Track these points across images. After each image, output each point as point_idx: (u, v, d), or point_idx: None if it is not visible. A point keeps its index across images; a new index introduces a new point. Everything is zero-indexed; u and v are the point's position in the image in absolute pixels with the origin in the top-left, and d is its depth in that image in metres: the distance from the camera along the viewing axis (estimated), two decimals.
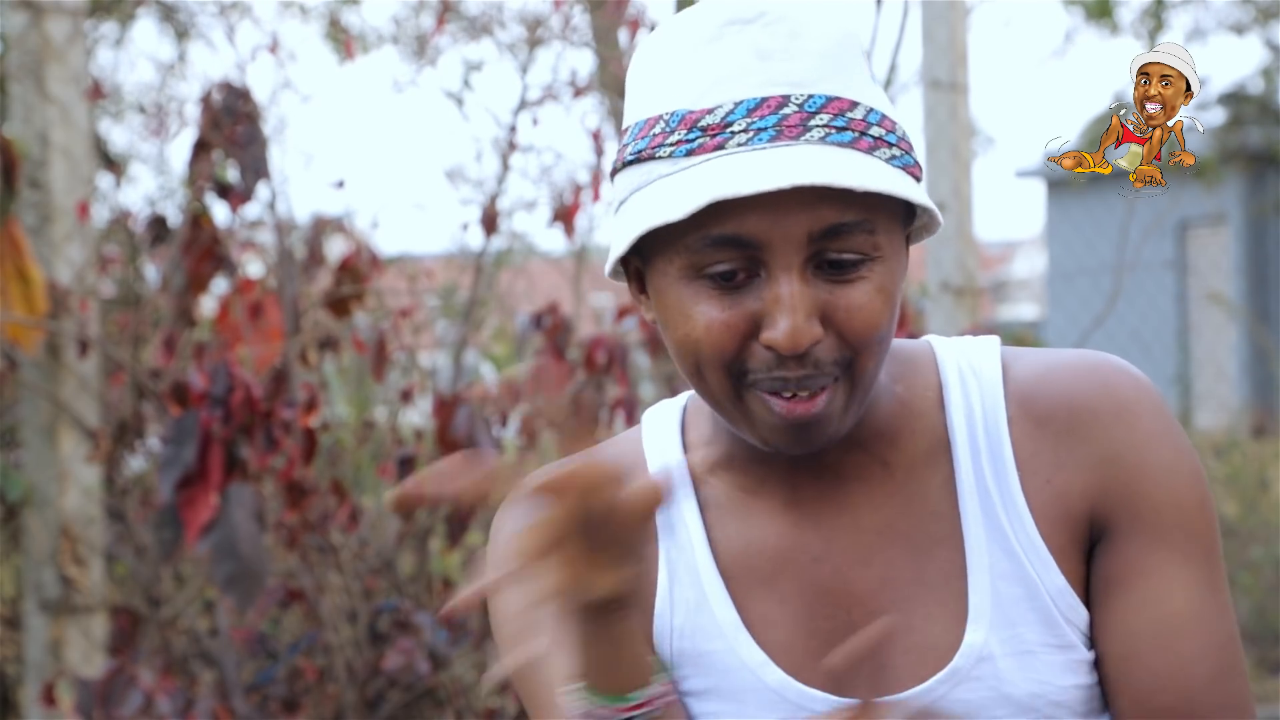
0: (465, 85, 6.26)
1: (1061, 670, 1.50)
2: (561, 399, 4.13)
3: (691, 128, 1.43)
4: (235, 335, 4.13)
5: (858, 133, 1.42)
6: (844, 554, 1.52)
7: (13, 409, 4.36)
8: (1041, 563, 1.49)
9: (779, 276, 1.41)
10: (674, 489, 1.49)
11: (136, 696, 3.61)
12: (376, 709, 4.10)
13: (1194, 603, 1.49)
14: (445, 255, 6.85)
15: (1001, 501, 1.50)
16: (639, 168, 1.46)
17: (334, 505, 4.11)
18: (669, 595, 1.53)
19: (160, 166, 7.88)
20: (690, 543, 1.54)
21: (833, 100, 1.43)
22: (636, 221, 1.44)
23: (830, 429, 1.45)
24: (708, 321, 1.43)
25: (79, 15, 4.19)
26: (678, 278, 1.44)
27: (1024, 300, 21.16)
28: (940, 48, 4.49)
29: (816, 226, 1.41)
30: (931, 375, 1.55)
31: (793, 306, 1.41)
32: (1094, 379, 1.52)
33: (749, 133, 1.41)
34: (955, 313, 4.40)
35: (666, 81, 1.45)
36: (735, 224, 1.40)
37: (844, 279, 1.42)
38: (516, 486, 1.33)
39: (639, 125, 1.46)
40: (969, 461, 1.51)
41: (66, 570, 4.06)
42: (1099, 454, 1.50)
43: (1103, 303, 6.14)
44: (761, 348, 1.43)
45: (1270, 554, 7.24)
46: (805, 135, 1.41)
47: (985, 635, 1.49)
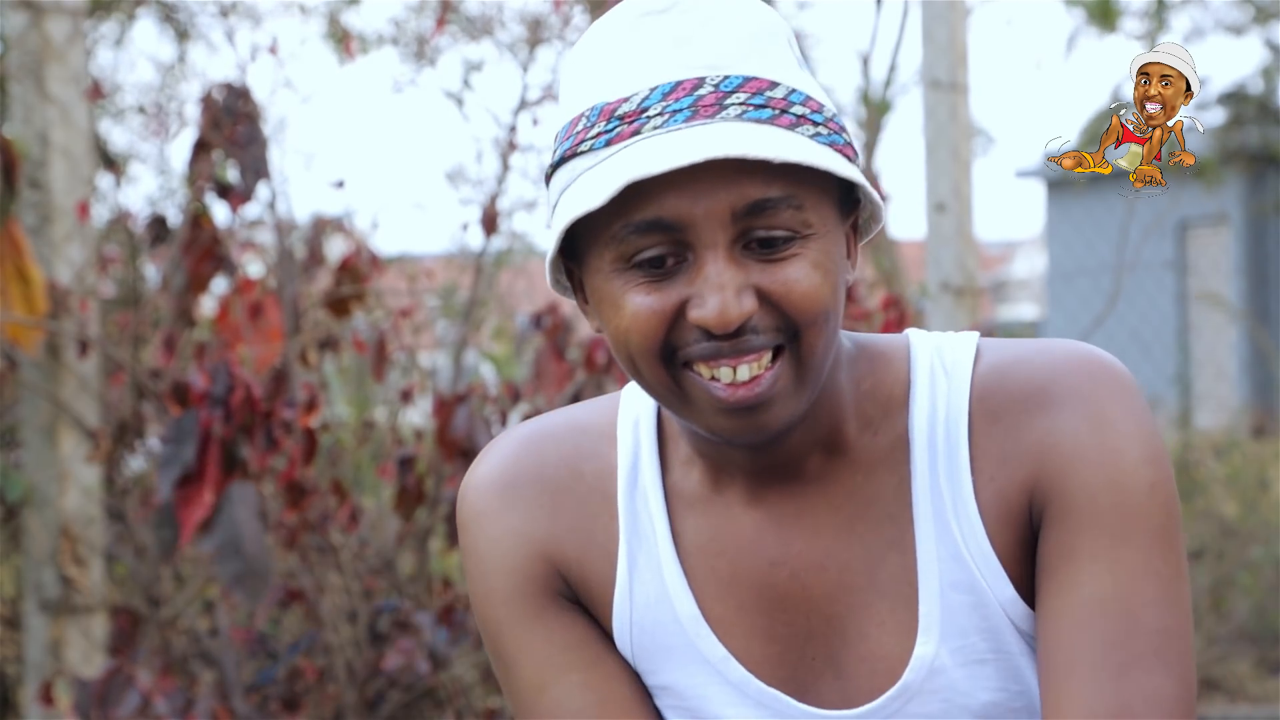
0: (465, 85, 6.27)
1: (1012, 676, 1.47)
2: (561, 399, 4.13)
3: (610, 118, 1.41)
4: (235, 335, 4.13)
5: (777, 110, 1.40)
6: (800, 557, 1.49)
7: (13, 409, 4.36)
8: (992, 573, 1.46)
9: (705, 256, 1.39)
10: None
11: (136, 697, 3.61)
12: (376, 709, 4.10)
13: (1126, 586, 1.43)
14: (445, 255, 6.85)
15: (954, 506, 1.47)
16: (565, 168, 1.44)
17: (334, 505, 4.11)
18: (628, 591, 1.51)
19: (160, 166, 7.87)
20: (654, 534, 1.51)
21: (750, 80, 1.41)
22: (562, 217, 1.42)
23: (780, 411, 1.42)
24: (635, 309, 1.41)
25: (79, 15, 4.19)
26: (609, 273, 1.42)
27: (1024, 300, 21.15)
28: (940, 48, 4.48)
29: (739, 203, 1.39)
30: (901, 372, 1.51)
31: (720, 284, 1.39)
32: (1050, 367, 1.48)
33: (664, 115, 1.40)
34: (955, 313, 4.39)
35: (588, 78, 1.44)
36: (655, 207, 1.39)
37: (775, 257, 1.40)
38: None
39: (564, 128, 1.45)
40: (925, 463, 1.48)
41: (66, 570, 4.06)
42: (1039, 441, 1.46)
43: (1103, 303, 6.13)
44: (691, 326, 1.40)
45: (1270, 554, 7.24)
46: (721, 114, 1.39)
47: (935, 647, 1.47)
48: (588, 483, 1.53)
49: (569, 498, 1.53)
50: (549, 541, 1.53)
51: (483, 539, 1.55)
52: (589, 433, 1.55)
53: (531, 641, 1.52)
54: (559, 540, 1.53)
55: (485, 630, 1.55)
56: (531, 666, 1.51)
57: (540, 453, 1.55)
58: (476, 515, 1.56)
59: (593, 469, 1.54)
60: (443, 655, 3.99)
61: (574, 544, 1.53)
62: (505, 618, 1.53)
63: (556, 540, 1.53)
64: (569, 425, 1.57)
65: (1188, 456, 8.36)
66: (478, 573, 1.55)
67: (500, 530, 1.54)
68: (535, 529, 1.53)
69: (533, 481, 1.54)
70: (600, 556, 1.52)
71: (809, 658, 1.50)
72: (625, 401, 1.57)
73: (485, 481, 1.56)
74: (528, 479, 1.54)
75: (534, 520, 1.53)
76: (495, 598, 1.54)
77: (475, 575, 1.55)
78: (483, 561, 1.55)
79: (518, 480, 1.54)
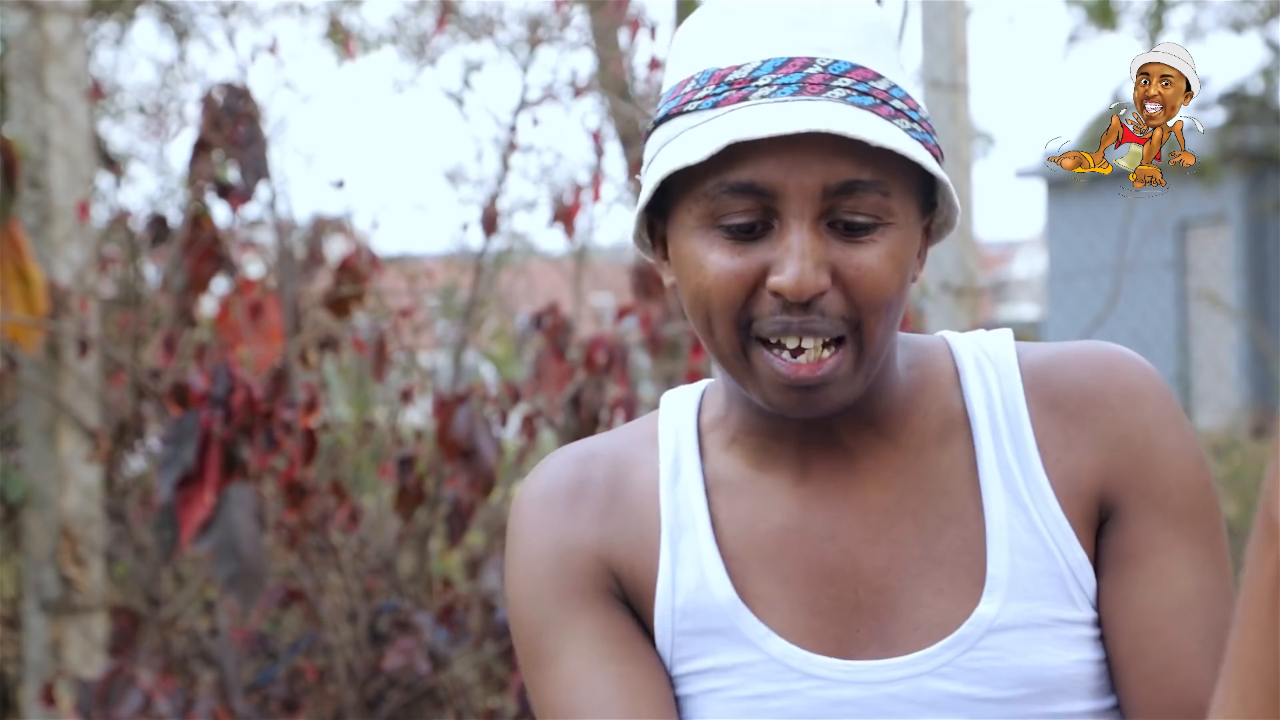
0: (465, 85, 6.26)
1: (1072, 644, 1.51)
2: (561, 399, 4.13)
3: (720, 82, 1.47)
4: (235, 335, 4.13)
5: (879, 99, 1.46)
6: (851, 532, 1.53)
7: (13, 409, 4.36)
8: (1064, 536, 1.51)
9: (791, 225, 1.44)
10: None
11: (136, 697, 3.61)
12: (376, 709, 4.10)
13: (1203, 582, 1.52)
14: (445, 255, 6.85)
15: (1024, 477, 1.52)
16: (667, 125, 1.50)
17: (334, 505, 4.11)
18: (670, 578, 1.55)
19: (160, 166, 7.87)
20: (694, 523, 1.55)
21: (858, 68, 1.47)
22: (659, 169, 1.47)
23: (835, 393, 1.48)
24: (718, 270, 1.46)
25: (79, 15, 4.19)
26: (694, 227, 1.47)
27: (1024, 300, 21.16)
28: (940, 48, 4.49)
29: (832, 180, 1.44)
30: (946, 361, 1.57)
31: (801, 253, 1.43)
32: (1101, 365, 1.55)
33: (773, 86, 1.45)
34: (955, 313, 4.40)
35: (703, 46, 1.50)
36: (751, 171, 1.44)
37: (856, 240, 1.45)
38: None
39: (671, 89, 1.51)
40: (990, 439, 1.53)
41: (66, 570, 4.06)
42: (1108, 435, 1.53)
43: (1103, 303, 6.13)
44: (769, 295, 1.45)
45: None
46: (826, 93, 1.45)
47: (999, 607, 1.50)
48: (635, 488, 1.58)
49: (619, 504, 1.58)
50: (602, 544, 1.57)
51: (537, 542, 1.58)
52: (634, 441, 1.60)
53: (576, 634, 1.54)
54: (611, 543, 1.57)
55: (527, 630, 1.57)
56: (573, 659, 1.54)
57: (590, 466, 1.60)
58: (532, 522, 1.59)
59: (639, 474, 1.59)
60: (443, 655, 3.99)
61: (624, 546, 1.57)
62: (553, 614, 1.56)
63: (609, 543, 1.57)
64: (614, 439, 1.62)
65: None
66: (527, 574, 1.58)
67: (556, 534, 1.57)
68: (590, 533, 1.57)
69: (586, 492, 1.58)
70: (646, 553, 1.56)
71: (854, 629, 1.53)
72: (665, 407, 1.62)
73: (539, 492, 1.60)
74: (582, 491, 1.59)
75: (589, 526, 1.57)
76: (546, 596, 1.56)
77: (524, 576, 1.58)
78: (534, 563, 1.57)
79: (573, 491, 1.59)
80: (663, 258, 1.55)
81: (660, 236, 1.54)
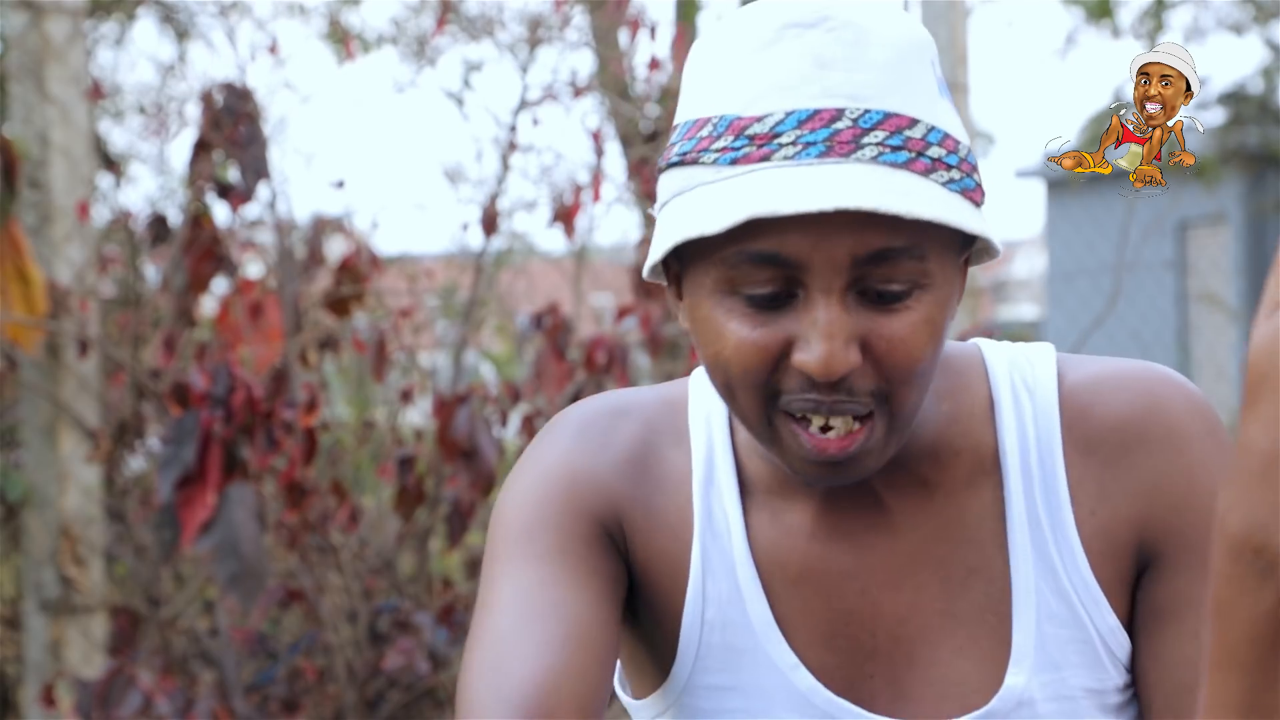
0: (465, 85, 6.26)
1: (1098, 714, 1.45)
2: (561, 399, 4.13)
3: (739, 135, 1.35)
4: (235, 335, 4.13)
5: (914, 153, 1.34)
6: (873, 574, 1.46)
7: (13, 409, 4.36)
8: (1094, 602, 1.44)
9: (818, 299, 1.33)
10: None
11: (136, 697, 3.61)
12: (376, 709, 4.10)
13: None
14: (445, 255, 6.85)
15: (1053, 535, 1.44)
16: (682, 170, 1.38)
17: (334, 505, 4.11)
18: (701, 587, 1.47)
19: (160, 166, 7.87)
20: (728, 532, 1.48)
21: (890, 117, 1.34)
22: (674, 230, 1.36)
23: (864, 466, 1.38)
24: (738, 341, 1.36)
25: (79, 15, 4.19)
26: (712, 290, 1.37)
27: (1024, 300, 21.17)
28: (940, 48, 4.49)
29: (861, 250, 1.32)
30: (981, 387, 1.48)
31: (829, 333, 1.33)
32: (1146, 398, 1.45)
33: (797, 145, 1.33)
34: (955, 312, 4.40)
35: (719, 83, 1.38)
36: (775, 242, 1.33)
37: (888, 309, 1.35)
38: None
39: (687, 125, 1.39)
40: (1020, 488, 1.45)
41: (66, 570, 4.06)
42: (1146, 482, 1.44)
43: (1103, 303, 6.13)
44: (795, 370, 1.35)
45: None
46: (857, 153, 1.33)
47: (1027, 679, 1.43)
48: (668, 470, 1.49)
49: (648, 477, 1.49)
50: (625, 500, 1.48)
51: (564, 461, 1.48)
52: (663, 417, 1.51)
53: (571, 550, 1.45)
54: (633, 505, 1.48)
55: (519, 523, 1.47)
56: (552, 567, 1.44)
57: (622, 423, 1.51)
58: (564, 443, 1.49)
59: (671, 459, 1.50)
60: (443, 655, 3.99)
61: (646, 523, 1.48)
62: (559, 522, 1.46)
63: (631, 503, 1.48)
64: (642, 401, 1.53)
65: None
66: (543, 481, 1.48)
67: (585, 463, 1.48)
68: (615, 481, 1.48)
69: (615, 442, 1.50)
70: (672, 542, 1.49)
71: (867, 674, 1.46)
72: (694, 393, 1.53)
73: (577, 420, 1.51)
74: (611, 438, 1.50)
75: (615, 474, 1.48)
76: (543, 507, 1.47)
77: (537, 481, 1.48)
78: (554, 479, 1.47)
79: (606, 433, 1.50)
80: (677, 297, 1.44)
81: (675, 275, 1.43)
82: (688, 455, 1.50)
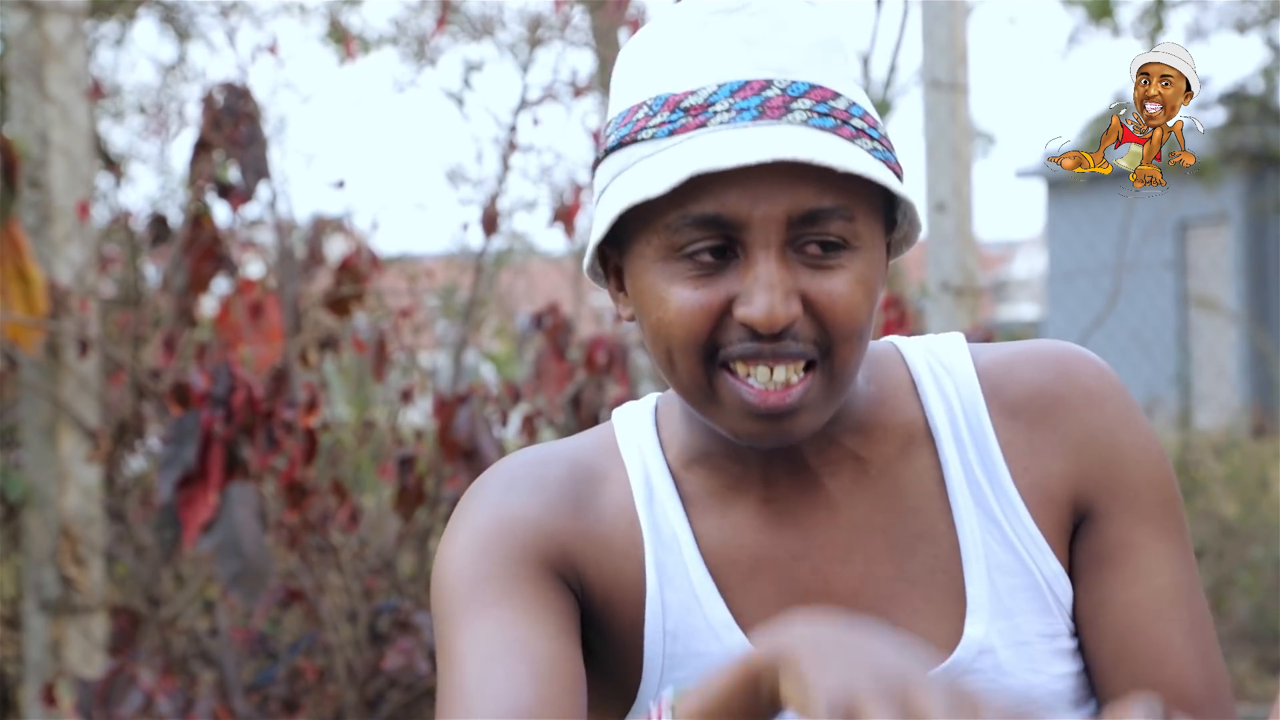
0: (465, 85, 6.27)
1: (1053, 658, 1.50)
2: (561, 399, 4.13)
3: (674, 109, 1.42)
4: (236, 335, 4.13)
5: (839, 120, 1.42)
6: (822, 551, 1.51)
7: (13, 409, 4.36)
8: (1038, 549, 1.50)
9: (757, 255, 1.40)
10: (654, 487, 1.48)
11: (137, 696, 3.61)
12: (376, 709, 4.10)
13: (1178, 576, 1.52)
14: (445, 255, 6.86)
15: (993, 491, 1.50)
16: (620, 153, 1.45)
17: (334, 505, 4.11)
18: (660, 598, 1.50)
19: (160, 166, 7.88)
20: (677, 541, 1.51)
21: (816, 88, 1.42)
22: (616, 202, 1.42)
23: (805, 421, 1.43)
24: (681, 302, 1.41)
25: (79, 15, 4.19)
26: (654, 259, 1.42)
27: (1024, 300, 21.16)
28: (940, 48, 4.49)
29: (796, 209, 1.39)
30: (900, 370, 1.55)
31: (770, 284, 1.39)
32: (1056, 367, 1.53)
33: (731, 112, 1.41)
34: (955, 313, 4.39)
35: (652, 69, 1.45)
36: (715, 202, 1.39)
37: (823, 265, 1.41)
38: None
39: (622, 114, 1.46)
40: (955, 453, 1.51)
41: (66, 570, 4.06)
42: (1072, 440, 1.51)
43: (1103, 303, 6.13)
44: (736, 324, 1.41)
45: (1270, 554, 7.24)
46: (787, 116, 1.41)
47: (985, 628, 1.49)
48: (607, 500, 1.52)
49: (588, 511, 1.51)
50: (567, 535, 1.50)
51: (492, 514, 1.49)
52: (592, 454, 1.55)
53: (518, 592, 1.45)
54: (577, 539, 1.50)
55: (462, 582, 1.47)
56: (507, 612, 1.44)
57: (548, 468, 1.53)
58: (489, 499, 1.51)
59: (609, 488, 1.53)
60: None
61: (594, 551, 1.51)
62: (497, 571, 1.46)
63: (575, 538, 1.50)
64: (565, 448, 1.56)
65: (1188, 457, 8.36)
66: (474, 537, 1.48)
67: (514, 512, 1.50)
68: (553, 521, 1.50)
69: (548, 487, 1.52)
70: (624, 562, 1.51)
71: None
72: (619, 422, 1.57)
73: (498, 479, 1.53)
74: (543, 484, 1.52)
75: (551, 514, 1.50)
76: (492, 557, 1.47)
77: (469, 539, 1.48)
78: (484, 531, 1.48)
79: (535, 483, 1.52)
80: (617, 289, 1.49)
81: (614, 267, 1.49)
82: (625, 481, 1.53)
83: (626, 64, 1.48)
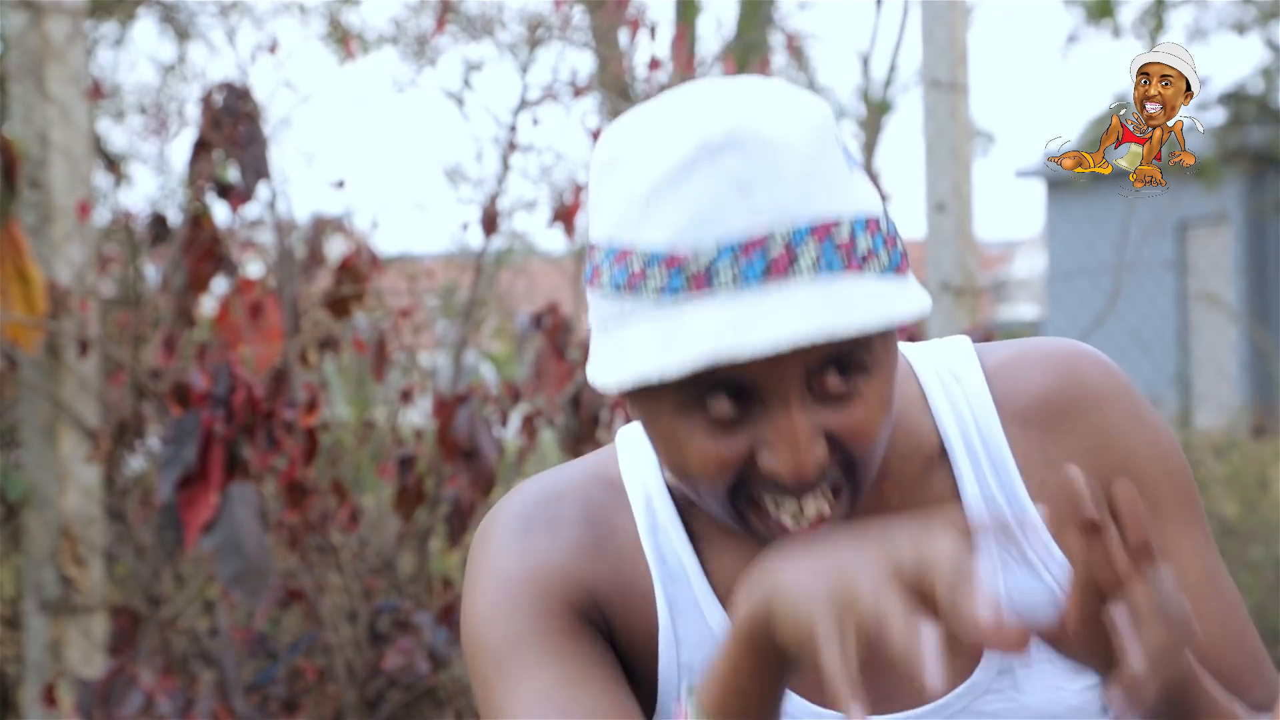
0: (465, 85, 6.27)
1: (1074, 673, 1.49)
2: (561, 399, 4.13)
3: (673, 270, 1.35)
4: (235, 335, 4.13)
5: (846, 254, 1.35)
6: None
7: (13, 409, 4.36)
8: (1057, 565, 1.48)
9: (775, 407, 1.36)
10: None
11: (137, 696, 3.61)
12: (376, 709, 4.10)
13: (1207, 565, 1.51)
14: (445, 255, 6.86)
15: (1010, 509, 1.48)
16: (617, 299, 1.38)
17: (334, 505, 4.11)
18: (672, 632, 1.49)
19: (160, 166, 7.88)
20: (686, 576, 1.49)
21: (816, 228, 1.35)
22: (628, 365, 1.36)
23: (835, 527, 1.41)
24: (702, 455, 1.37)
25: (79, 15, 4.19)
26: (672, 412, 1.38)
27: (1024, 300, 21.16)
28: (940, 48, 4.49)
29: (813, 362, 1.35)
30: (910, 384, 1.51)
31: (793, 441, 1.35)
32: (1062, 370, 1.51)
33: (735, 275, 1.34)
34: (955, 313, 4.39)
35: (639, 209, 1.37)
36: (731, 370, 1.35)
37: (843, 394, 1.37)
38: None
39: (611, 252, 1.38)
40: (970, 470, 1.49)
41: (66, 570, 4.06)
42: (1084, 445, 1.49)
43: (1103, 303, 6.13)
44: (763, 473, 1.37)
45: (1270, 554, 7.24)
46: (794, 269, 1.34)
47: None
48: (619, 532, 1.50)
49: (606, 547, 1.50)
50: (593, 579, 1.49)
51: (514, 566, 1.48)
52: (598, 484, 1.52)
53: (558, 650, 1.45)
54: (601, 582, 1.49)
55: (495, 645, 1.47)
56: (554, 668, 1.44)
57: (561, 504, 1.51)
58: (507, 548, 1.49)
59: (619, 519, 1.51)
60: (443, 655, 3.99)
61: (617, 591, 1.49)
62: (531, 627, 1.46)
63: (599, 581, 1.49)
64: (572, 478, 1.53)
65: (1188, 456, 8.33)
66: (501, 594, 1.47)
67: (536, 560, 1.48)
68: (576, 565, 1.49)
69: (563, 526, 1.50)
70: (641, 604, 1.49)
71: None
72: (624, 454, 1.54)
73: (512, 520, 1.51)
74: (558, 523, 1.50)
75: (574, 557, 1.49)
76: (521, 613, 1.47)
77: (495, 596, 1.48)
78: (511, 584, 1.47)
79: (550, 522, 1.50)
80: (628, 397, 1.43)
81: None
82: (631, 515, 1.51)
83: (610, 185, 1.40)
